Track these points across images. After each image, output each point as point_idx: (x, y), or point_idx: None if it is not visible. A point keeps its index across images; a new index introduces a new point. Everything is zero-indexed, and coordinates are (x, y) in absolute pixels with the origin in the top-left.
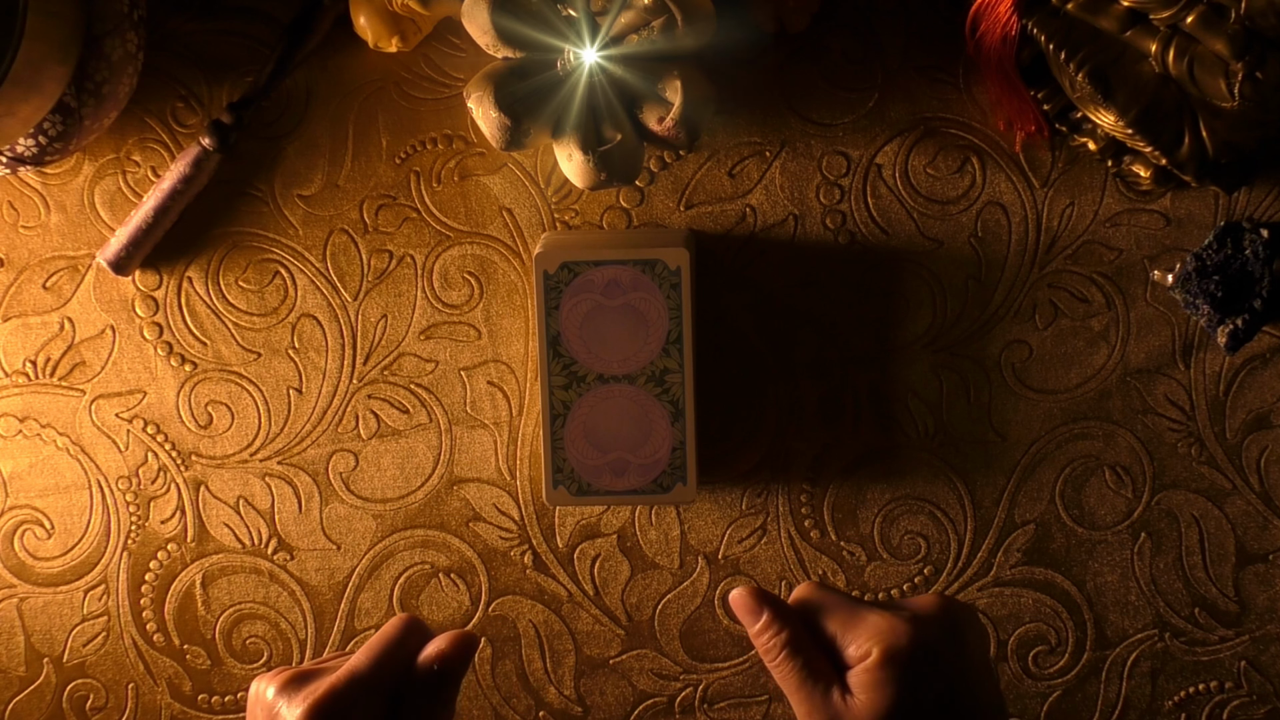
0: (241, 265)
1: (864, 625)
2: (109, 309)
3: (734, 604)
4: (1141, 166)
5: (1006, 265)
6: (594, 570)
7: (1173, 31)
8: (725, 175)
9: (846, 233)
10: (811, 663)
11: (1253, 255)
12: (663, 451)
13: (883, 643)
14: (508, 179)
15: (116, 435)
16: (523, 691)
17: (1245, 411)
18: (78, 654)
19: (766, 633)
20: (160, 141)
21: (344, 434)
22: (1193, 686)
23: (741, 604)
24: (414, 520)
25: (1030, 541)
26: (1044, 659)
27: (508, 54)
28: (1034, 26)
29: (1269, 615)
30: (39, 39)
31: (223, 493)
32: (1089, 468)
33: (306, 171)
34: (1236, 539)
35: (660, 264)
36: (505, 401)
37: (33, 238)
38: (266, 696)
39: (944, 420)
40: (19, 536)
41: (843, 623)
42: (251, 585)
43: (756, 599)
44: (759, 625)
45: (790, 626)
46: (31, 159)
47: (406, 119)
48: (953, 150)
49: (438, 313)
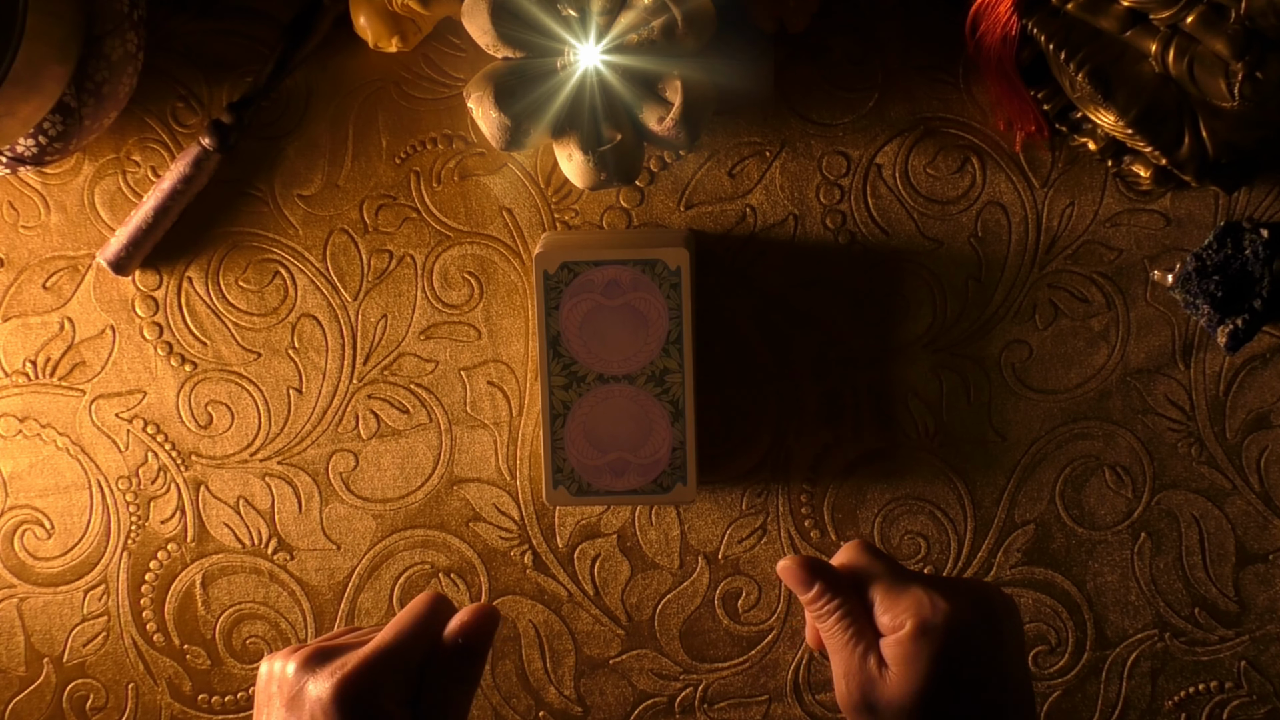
0: (241, 265)
1: (904, 597)
2: (109, 309)
3: (783, 573)
4: (1141, 166)
5: (1006, 265)
6: (594, 570)
7: (1173, 31)
8: (725, 175)
9: (846, 233)
10: (859, 628)
11: (1253, 255)
12: (663, 451)
13: (917, 616)
14: (508, 179)
15: (116, 435)
16: (523, 691)
17: (1245, 411)
18: (78, 654)
19: (819, 601)
20: (160, 141)
21: (344, 434)
22: (1193, 686)
23: (791, 575)
24: (414, 520)
25: (1030, 541)
26: (1044, 659)
27: (508, 54)
28: (1034, 26)
29: (1269, 615)
30: (39, 39)
31: (223, 493)
32: (1089, 468)
33: (306, 171)
34: (1236, 539)
35: (660, 264)
36: (505, 401)
37: (33, 238)
38: (286, 674)
39: (944, 420)
40: (19, 536)
41: (885, 591)
42: (251, 585)
43: (807, 570)
44: (810, 595)
45: (841, 595)
46: (31, 159)
47: (406, 119)
48: (953, 150)
49: (438, 313)
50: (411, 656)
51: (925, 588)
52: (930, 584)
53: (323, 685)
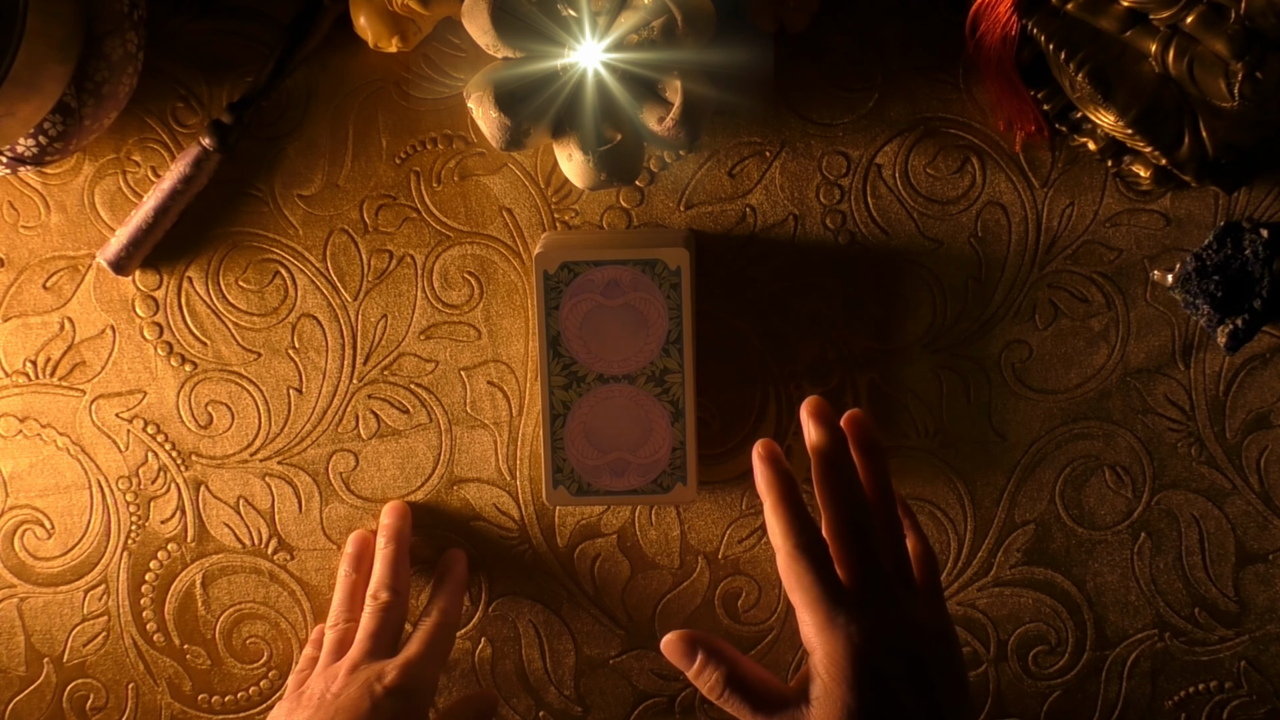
0: (241, 265)
1: (823, 632)
2: (109, 309)
3: (665, 651)
4: (1141, 166)
5: (1006, 265)
6: (594, 570)
7: (1173, 31)
8: (725, 175)
9: (846, 233)
10: (756, 691)
11: (1253, 255)
12: (662, 451)
13: (829, 653)
14: (508, 179)
15: (116, 435)
16: (523, 691)
17: (1245, 411)
18: (78, 654)
19: (703, 674)
20: (160, 141)
21: (344, 434)
22: (1193, 686)
23: (672, 650)
24: (414, 520)
25: (1030, 541)
26: (1044, 659)
27: (508, 54)
28: (1034, 26)
29: (1269, 615)
30: (39, 39)
31: (223, 493)
32: (1089, 468)
33: (306, 171)
34: (1236, 539)
35: (660, 264)
36: (505, 401)
37: (33, 238)
38: (338, 680)
39: (944, 420)
40: (19, 536)
41: (809, 620)
42: (251, 585)
43: (686, 643)
44: (694, 669)
45: (724, 663)
46: (31, 159)
47: (406, 119)
48: (953, 150)
49: (438, 313)
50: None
51: (847, 620)
52: (853, 613)
53: (390, 676)
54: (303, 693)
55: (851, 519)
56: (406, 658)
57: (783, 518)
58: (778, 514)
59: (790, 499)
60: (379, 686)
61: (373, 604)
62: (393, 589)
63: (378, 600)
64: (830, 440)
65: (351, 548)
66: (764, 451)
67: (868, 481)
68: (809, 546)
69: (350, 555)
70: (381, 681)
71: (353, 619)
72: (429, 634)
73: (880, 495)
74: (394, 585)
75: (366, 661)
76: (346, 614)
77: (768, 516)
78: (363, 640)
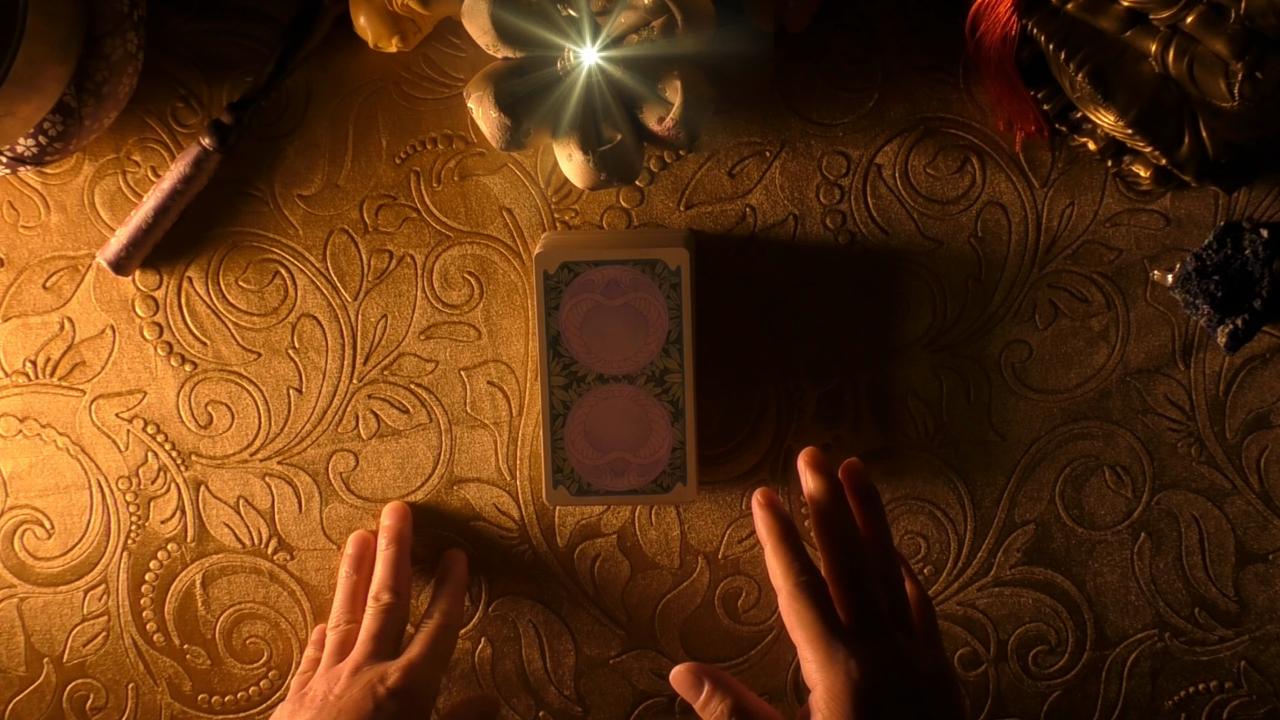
0: (241, 265)
1: (824, 667)
2: (109, 309)
3: (673, 682)
4: (1141, 166)
5: (1006, 265)
6: (594, 570)
7: (1173, 31)
8: (725, 175)
9: (846, 233)
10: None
11: (1253, 255)
12: (663, 451)
13: (829, 684)
14: (508, 179)
15: (116, 435)
16: (523, 691)
17: (1245, 411)
18: (78, 654)
19: (710, 704)
20: (160, 141)
21: (344, 434)
22: (1193, 686)
23: (680, 681)
24: (414, 520)
25: (1030, 541)
26: (1044, 659)
27: (508, 54)
28: (1034, 26)
29: (1269, 615)
30: (39, 39)
31: (223, 493)
32: (1089, 468)
33: (306, 171)
34: (1236, 539)
35: (660, 264)
36: (505, 401)
37: (33, 238)
38: (341, 682)
39: (944, 420)
40: (19, 536)
41: (810, 653)
42: (251, 585)
43: (694, 674)
44: (701, 700)
45: (731, 694)
46: (31, 159)
47: (406, 119)
48: (953, 150)
49: (438, 313)
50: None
51: (846, 655)
52: (853, 649)
53: (393, 676)
54: (305, 694)
55: (849, 561)
56: (409, 659)
57: (783, 558)
58: (778, 554)
59: (790, 540)
60: (382, 688)
61: (375, 605)
62: (395, 590)
63: (380, 602)
64: (827, 488)
65: (352, 549)
66: (762, 499)
67: (865, 528)
68: (810, 585)
69: (351, 556)
70: (384, 683)
71: (354, 620)
72: (431, 635)
73: (878, 541)
74: (396, 586)
75: (369, 663)
76: (348, 615)
77: (769, 558)
78: (365, 642)
